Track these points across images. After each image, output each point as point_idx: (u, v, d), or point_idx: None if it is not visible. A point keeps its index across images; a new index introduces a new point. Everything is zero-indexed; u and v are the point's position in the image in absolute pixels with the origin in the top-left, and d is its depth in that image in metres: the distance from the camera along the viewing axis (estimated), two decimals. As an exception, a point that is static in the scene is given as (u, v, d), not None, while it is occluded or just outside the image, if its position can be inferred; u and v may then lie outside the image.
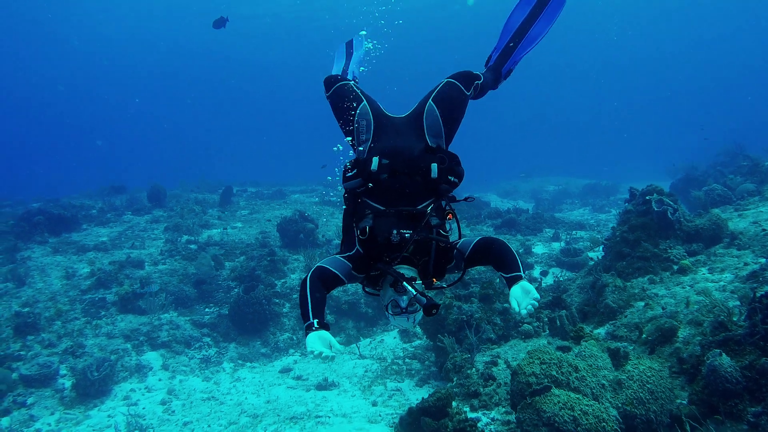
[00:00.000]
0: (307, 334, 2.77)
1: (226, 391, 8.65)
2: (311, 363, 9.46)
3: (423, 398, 5.61)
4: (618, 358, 6.12)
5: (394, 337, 9.97)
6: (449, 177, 3.31)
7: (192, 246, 13.97)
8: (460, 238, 3.35)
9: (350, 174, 3.31)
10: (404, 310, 2.94)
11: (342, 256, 3.21)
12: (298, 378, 8.83)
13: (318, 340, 2.71)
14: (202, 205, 18.63)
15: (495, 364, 6.58)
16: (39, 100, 69.28)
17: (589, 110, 74.25)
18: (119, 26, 46.07)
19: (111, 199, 20.42)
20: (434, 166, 3.27)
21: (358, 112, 3.63)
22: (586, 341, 6.58)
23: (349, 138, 3.73)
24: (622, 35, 55.74)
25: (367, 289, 3.28)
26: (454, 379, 6.68)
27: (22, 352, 9.36)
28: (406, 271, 2.99)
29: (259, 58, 58.04)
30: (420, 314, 3.02)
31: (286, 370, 9.15)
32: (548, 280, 10.21)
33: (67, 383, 8.78)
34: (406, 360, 8.90)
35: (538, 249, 13.06)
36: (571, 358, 5.38)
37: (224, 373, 9.36)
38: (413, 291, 2.80)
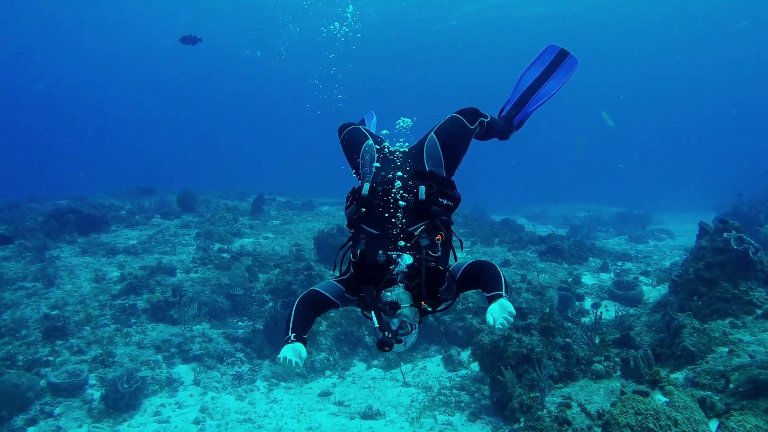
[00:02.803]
0: (283, 346, 2.97)
1: (263, 413, 8.15)
2: (351, 387, 8.95)
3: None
4: (705, 410, 5.59)
5: (438, 365, 9.45)
6: (440, 199, 3.39)
7: (224, 255, 13.55)
8: (456, 260, 3.41)
9: (348, 203, 3.49)
10: (395, 334, 2.91)
11: (336, 280, 3.35)
12: (340, 404, 8.31)
13: (290, 350, 2.93)
14: (233, 212, 18.24)
15: (568, 406, 6.03)
16: (63, 97, 69.92)
17: (611, 136, 73.31)
18: (155, 24, 46.13)
19: (139, 200, 20.18)
20: (422, 188, 3.36)
21: (363, 148, 3.83)
22: (663, 386, 6.08)
23: (357, 174, 3.90)
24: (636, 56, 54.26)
25: (365, 313, 3.28)
26: (521, 419, 6.16)
27: (50, 358, 8.96)
28: (400, 293, 3.00)
29: (286, 68, 57.81)
30: (413, 337, 3.04)
31: (325, 394, 8.63)
32: (606, 315, 9.61)
33: (96, 394, 8.33)
34: (454, 391, 8.37)
35: (587, 279, 12.44)
36: (668, 409, 4.84)
37: (258, 393, 8.86)
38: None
